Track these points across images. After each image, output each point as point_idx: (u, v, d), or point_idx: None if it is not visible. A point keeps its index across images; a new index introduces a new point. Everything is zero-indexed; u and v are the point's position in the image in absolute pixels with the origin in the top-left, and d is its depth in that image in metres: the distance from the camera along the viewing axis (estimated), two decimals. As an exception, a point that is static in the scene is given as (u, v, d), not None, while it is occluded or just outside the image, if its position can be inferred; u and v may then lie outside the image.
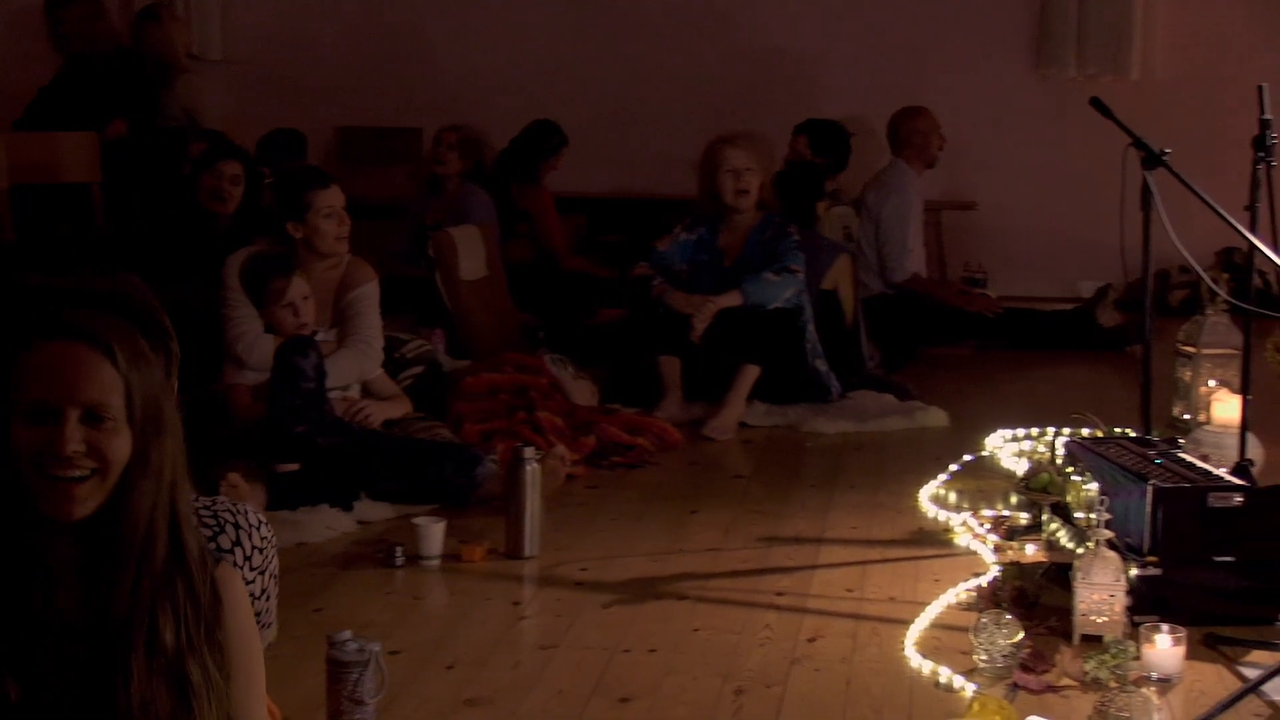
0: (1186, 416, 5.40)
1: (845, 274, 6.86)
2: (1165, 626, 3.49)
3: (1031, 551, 4.31)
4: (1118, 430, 5.06)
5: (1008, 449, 5.50)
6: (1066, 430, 5.33)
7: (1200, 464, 4.13)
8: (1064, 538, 4.15)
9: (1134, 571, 3.73)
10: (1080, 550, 3.84)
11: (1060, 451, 4.61)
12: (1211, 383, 5.34)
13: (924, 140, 7.83)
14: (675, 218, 6.57)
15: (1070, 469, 4.32)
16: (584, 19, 9.36)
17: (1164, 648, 3.47)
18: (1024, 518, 4.58)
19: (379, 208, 8.78)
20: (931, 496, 4.94)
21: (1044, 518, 4.37)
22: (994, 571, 4.11)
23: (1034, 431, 5.64)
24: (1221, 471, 4.12)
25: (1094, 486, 3.98)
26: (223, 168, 6.30)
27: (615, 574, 4.25)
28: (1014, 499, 4.79)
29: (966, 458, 5.33)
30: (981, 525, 4.57)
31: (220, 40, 9.67)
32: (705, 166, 6.33)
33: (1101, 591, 3.65)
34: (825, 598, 4.06)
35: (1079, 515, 4.07)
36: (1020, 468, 5.09)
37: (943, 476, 5.13)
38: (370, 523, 4.69)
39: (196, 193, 6.30)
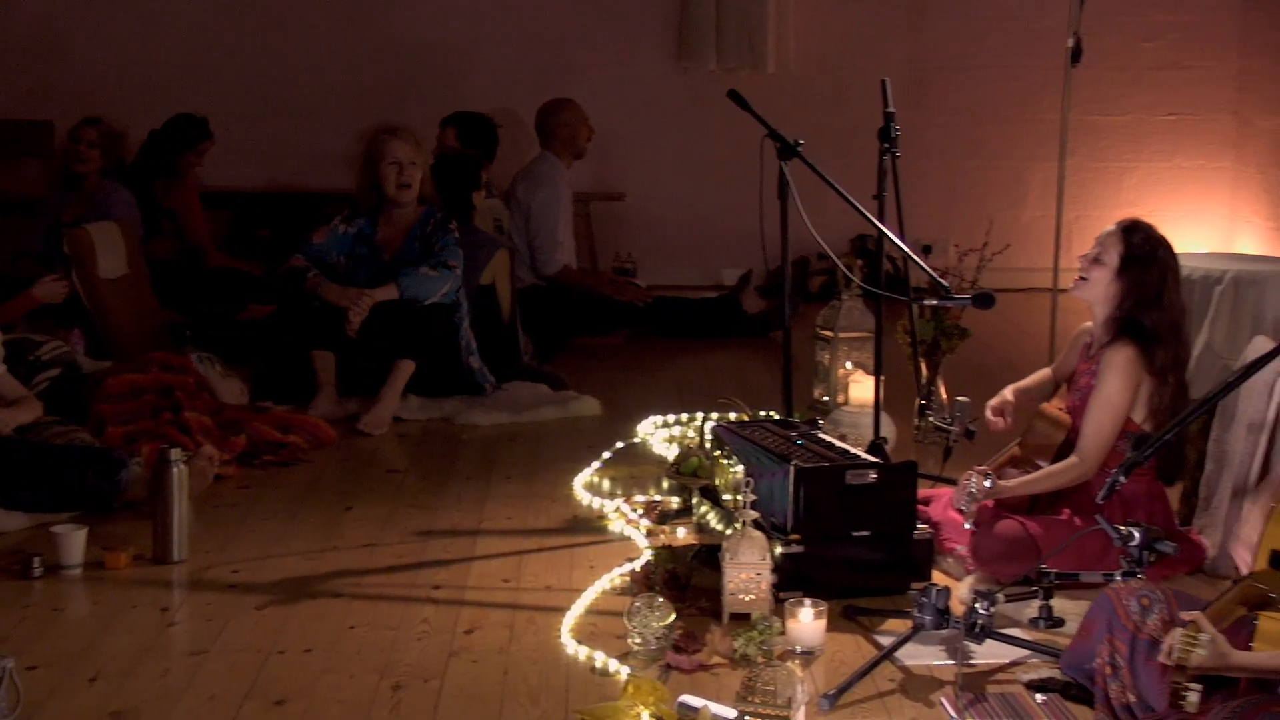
0: (826, 398, 5.63)
1: (503, 268, 6.88)
2: (808, 601, 3.64)
3: (683, 535, 4.41)
4: (762, 413, 5.22)
5: (658, 435, 5.63)
6: (714, 415, 5.49)
7: (838, 443, 4.31)
8: (713, 520, 4.27)
9: (779, 550, 3.88)
10: (729, 532, 3.96)
11: (708, 436, 4.73)
12: (848, 365, 5.58)
13: (572, 132, 7.91)
14: (326, 211, 6.46)
15: (718, 452, 4.45)
16: (229, 10, 9.10)
17: (807, 621, 3.62)
18: (675, 502, 4.70)
19: (8, 204, 8.38)
20: (585, 484, 5.01)
21: (694, 501, 4.48)
22: (646, 556, 4.21)
23: (683, 417, 5.78)
24: (858, 450, 4.31)
25: (740, 469, 4.11)
26: None
27: (269, 574, 4.18)
28: (665, 484, 4.90)
29: (619, 445, 5.42)
30: (634, 511, 4.66)
31: None
32: (367, 158, 6.20)
33: (749, 570, 3.77)
34: (482, 589, 4.08)
35: (727, 497, 4.19)
36: (671, 453, 5.21)
37: (596, 464, 5.22)
38: (4, 533, 4.48)
39: None
